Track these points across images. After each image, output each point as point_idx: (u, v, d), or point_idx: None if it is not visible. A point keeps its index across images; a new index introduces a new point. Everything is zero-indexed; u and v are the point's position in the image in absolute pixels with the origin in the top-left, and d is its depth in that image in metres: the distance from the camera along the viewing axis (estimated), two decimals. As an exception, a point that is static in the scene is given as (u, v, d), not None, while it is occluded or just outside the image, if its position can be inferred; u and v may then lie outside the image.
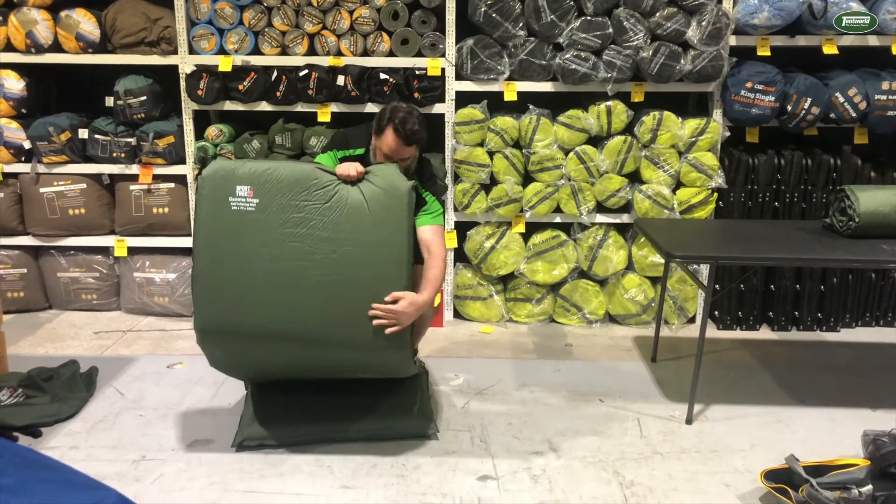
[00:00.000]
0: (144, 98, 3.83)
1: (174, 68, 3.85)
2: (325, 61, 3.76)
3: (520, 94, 3.78)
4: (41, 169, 3.97)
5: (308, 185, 2.51)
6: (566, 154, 3.80)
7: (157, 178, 3.96)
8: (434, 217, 2.78)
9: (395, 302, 2.49)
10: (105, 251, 4.09)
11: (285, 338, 2.52)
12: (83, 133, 3.92)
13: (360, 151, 2.84)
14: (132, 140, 3.90)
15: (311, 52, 3.81)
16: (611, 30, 3.63)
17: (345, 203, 2.52)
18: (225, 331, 2.55)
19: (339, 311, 2.50)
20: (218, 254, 2.52)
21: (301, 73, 3.73)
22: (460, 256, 4.02)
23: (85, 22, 3.79)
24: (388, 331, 2.48)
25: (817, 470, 2.36)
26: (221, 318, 2.53)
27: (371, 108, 3.81)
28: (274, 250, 2.49)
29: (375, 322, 2.48)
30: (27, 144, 3.92)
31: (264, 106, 3.85)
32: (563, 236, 3.89)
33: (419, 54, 3.78)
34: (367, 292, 2.49)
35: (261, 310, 2.50)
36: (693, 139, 3.75)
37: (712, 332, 3.90)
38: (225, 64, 3.75)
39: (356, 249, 2.50)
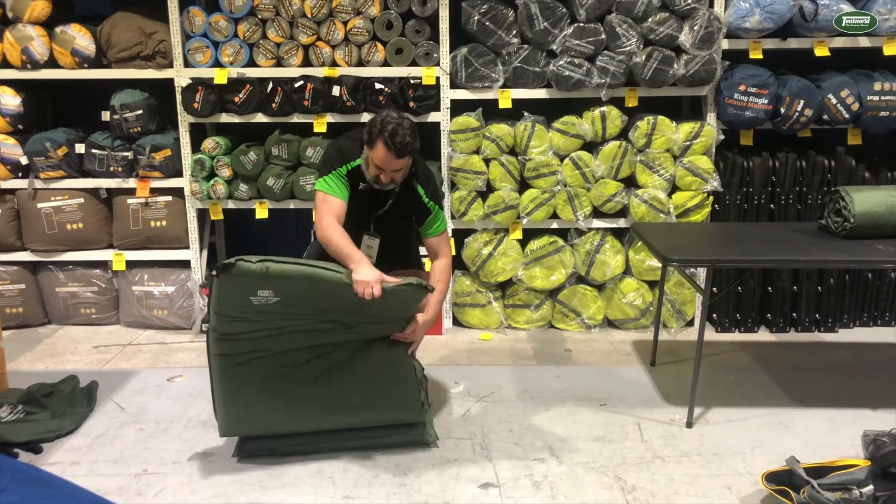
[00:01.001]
0: (140, 112, 3.85)
1: (170, 82, 3.87)
2: (321, 72, 3.78)
3: (514, 101, 3.80)
4: (38, 184, 3.97)
5: (326, 294, 2.55)
6: (562, 160, 3.82)
7: (155, 192, 3.97)
8: (440, 225, 2.88)
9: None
10: (103, 265, 4.09)
11: (305, 425, 2.75)
12: (80, 148, 3.93)
13: (358, 161, 2.78)
14: (129, 154, 3.91)
15: (306, 63, 3.83)
16: (604, 36, 3.65)
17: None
18: (248, 431, 2.78)
19: (356, 395, 2.71)
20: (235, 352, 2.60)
21: (296, 85, 3.74)
22: (458, 264, 4.03)
23: (80, 37, 3.80)
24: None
25: (818, 471, 2.36)
26: (245, 426, 2.74)
27: (367, 117, 3.82)
28: (290, 341, 2.61)
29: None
30: (24, 160, 3.93)
31: (260, 118, 3.86)
32: (561, 242, 3.90)
33: (413, 63, 3.80)
34: (382, 361, 2.73)
35: (282, 413, 2.70)
36: (688, 143, 3.77)
37: (711, 334, 3.91)
38: (220, 76, 3.77)
39: (370, 336, 2.69)
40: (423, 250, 3.08)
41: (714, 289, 3.83)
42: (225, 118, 3.87)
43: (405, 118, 2.69)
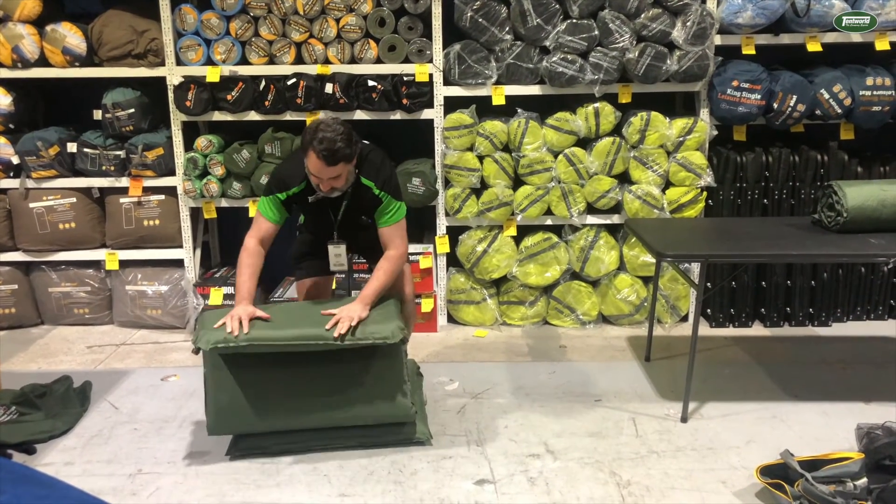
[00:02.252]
0: (133, 110, 3.83)
1: (162, 80, 3.85)
2: (313, 69, 3.77)
3: (508, 97, 3.79)
4: (30, 184, 3.95)
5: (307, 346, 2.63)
6: (555, 156, 3.82)
7: (148, 191, 3.96)
8: (393, 216, 2.81)
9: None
10: (96, 265, 4.07)
11: (295, 423, 2.75)
12: (72, 147, 3.91)
13: (300, 187, 2.76)
14: (121, 153, 3.89)
15: (299, 60, 3.82)
16: (597, 32, 3.65)
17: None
18: (237, 429, 2.78)
19: (343, 398, 2.72)
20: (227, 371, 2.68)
21: (289, 82, 3.73)
22: (453, 261, 4.03)
23: (71, 36, 3.78)
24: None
25: (812, 464, 2.37)
26: (234, 427, 2.75)
27: (360, 115, 3.82)
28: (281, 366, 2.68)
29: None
30: (15, 160, 3.91)
31: (253, 115, 3.85)
32: (555, 238, 3.91)
33: (406, 60, 3.79)
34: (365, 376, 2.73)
35: (271, 410, 2.70)
36: (681, 139, 3.77)
37: (705, 330, 3.92)
38: (213, 74, 3.75)
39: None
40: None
41: (708, 284, 3.83)
42: (217, 116, 3.85)
43: (340, 124, 2.62)
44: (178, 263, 4.06)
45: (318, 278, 3.06)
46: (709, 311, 3.98)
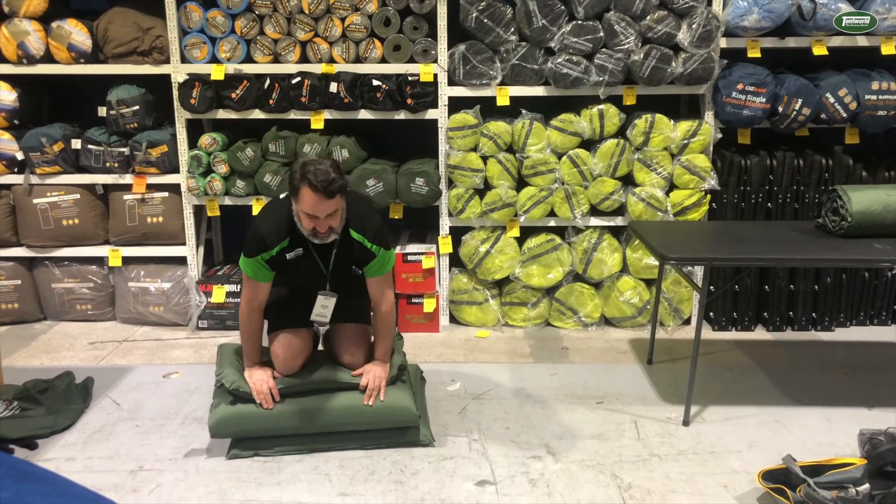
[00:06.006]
0: (137, 107, 3.83)
1: (166, 77, 3.85)
2: (318, 68, 3.77)
3: (512, 98, 3.79)
4: (34, 180, 3.96)
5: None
6: (559, 158, 3.82)
7: (151, 188, 3.96)
8: (386, 265, 2.79)
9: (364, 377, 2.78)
10: (99, 261, 4.08)
11: (298, 427, 2.77)
12: (76, 143, 3.92)
13: (283, 244, 2.65)
14: (125, 150, 3.89)
15: (304, 59, 3.82)
16: (602, 34, 3.64)
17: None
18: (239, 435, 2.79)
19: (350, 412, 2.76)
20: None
21: (294, 81, 3.73)
22: (455, 261, 4.03)
23: (76, 32, 3.79)
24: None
25: (814, 470, 2.36)
26: (237, 432, 2.76)
27: (364, 114, 3.82)
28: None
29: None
30: (20, 156, 3.91)
31: (257, 114, 3.85)
32: (558, 240, 3.90)
33: (411, 60, 3.79)
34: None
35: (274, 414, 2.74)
36: (685, 141, 3.77)
37: (707, 333, 3.91)
38: (217, 72, 3.76)
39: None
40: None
41: (711, 287, 3.83)
42: (222, 114, 3.86)
43: (326, 157, 2.58)
44: (181, 261, 4.06)
45: (297, 330, 2.83)
46: (711, 314, 3.97)
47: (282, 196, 2.75)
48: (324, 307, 2.80)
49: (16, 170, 3.96)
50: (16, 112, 3.92)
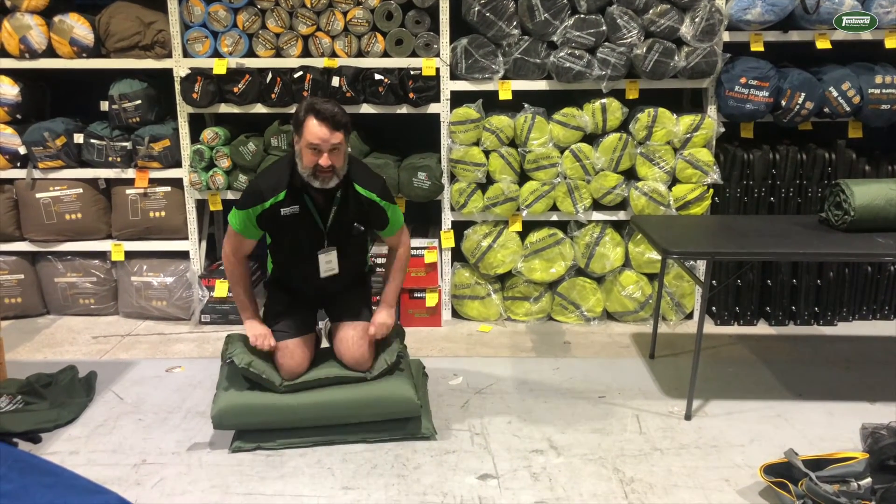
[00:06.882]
0: (139, 102, 3.83)
1: (169, 72, 3.85)
2: (320, 62, 3.76)
3: (514, 92, 3.78)
4: (37, 174, 3.96)
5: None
6: (562, 152, 3.81)
7: (154, 182, 3.96)
8: (398, 221, 2.87)
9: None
10: (102, 256, 4.08)
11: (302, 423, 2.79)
12: (78, 138, 3.92)
13: (279, 197, 2.62)
14: (128, 144, 3.90)
15: (306, 53, 3.81)
16: (604, 27, 3.64)
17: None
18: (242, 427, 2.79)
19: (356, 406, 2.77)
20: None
21: (296, 75, 3.73)
22: (458, 256, 4.03)
23: (79, 27, 3.78)
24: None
25: (816, 464, 2.37)
26: (240, 423, 2.76)
27: (366, 108, 3.82)
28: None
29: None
30: (22, 150, 3.92)
31: (259, 108, 3.85)
32: (560, 234, 3.90)
33: (413, 54, 3.78)
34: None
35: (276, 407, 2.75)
36: (688, 135, 3.76)
37: (710, 327, 3.91)
38: (219, 67, 3.75)
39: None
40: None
41: (713, 282, 3.83)
42: (224, 108, 3.86)
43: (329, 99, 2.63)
44: (184, 255, 4.07)
45: (300, 339, 2.83)
46: (714, 308, 3.97)
47: (277, 161, 2.82)
48: (328, 262, 2.78)
49: (18, 164, 3.96)
50: (18, 106, 3.92)
